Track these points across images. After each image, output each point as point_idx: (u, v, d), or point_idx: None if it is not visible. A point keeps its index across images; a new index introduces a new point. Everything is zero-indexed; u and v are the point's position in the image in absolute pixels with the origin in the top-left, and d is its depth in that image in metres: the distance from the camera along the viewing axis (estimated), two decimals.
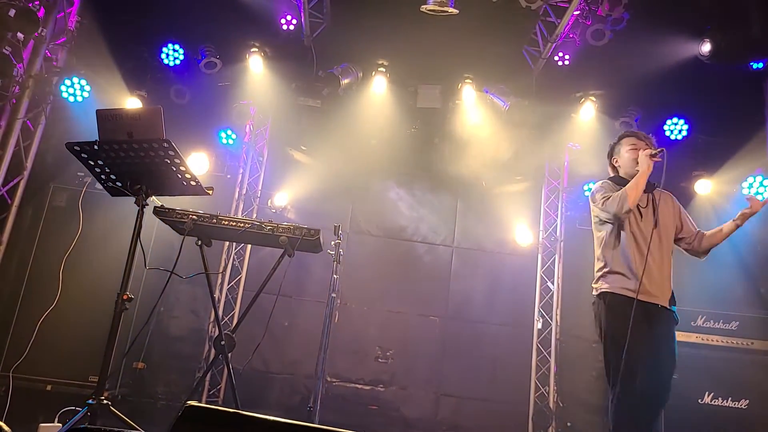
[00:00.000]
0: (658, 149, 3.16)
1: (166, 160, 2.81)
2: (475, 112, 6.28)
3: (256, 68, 6.00)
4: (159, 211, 3.25)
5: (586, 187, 6.41)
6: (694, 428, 4.41)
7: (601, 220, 3.25)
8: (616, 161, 3.42)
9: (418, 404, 6.09)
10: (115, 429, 1.70)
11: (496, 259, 6.57)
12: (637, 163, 3.15)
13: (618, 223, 3.14)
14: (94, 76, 5.60)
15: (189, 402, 1.89)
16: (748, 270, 5.49)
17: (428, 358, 6.22)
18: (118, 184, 2.99)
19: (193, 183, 2.96)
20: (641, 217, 3.16)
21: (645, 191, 3.15)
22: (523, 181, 6.74)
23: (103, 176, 2.99)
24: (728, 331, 4.69)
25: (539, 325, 6.25)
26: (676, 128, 5.99)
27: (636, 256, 3.06)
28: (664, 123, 6.03)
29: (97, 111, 2.88)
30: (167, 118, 2.86)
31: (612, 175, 3.45)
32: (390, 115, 6.41)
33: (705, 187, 5.82)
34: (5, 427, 2.20)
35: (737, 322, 4.71)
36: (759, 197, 3.20)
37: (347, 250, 6.41)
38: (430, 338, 6.27)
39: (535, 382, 6.07)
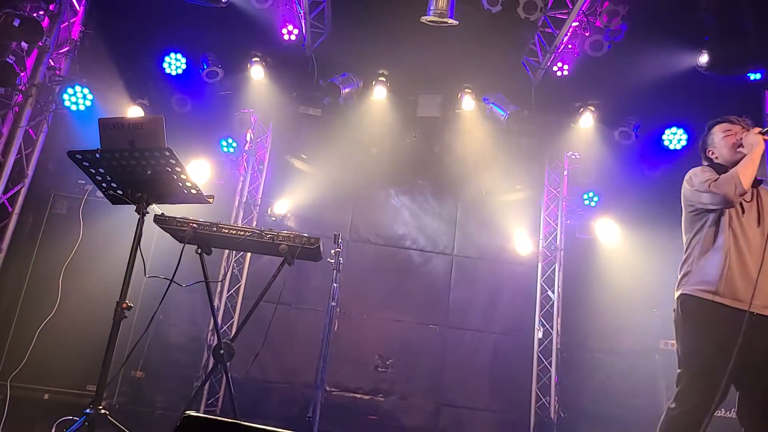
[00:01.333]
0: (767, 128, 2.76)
1: (168, 168, 2.82)
2: (475, 122, 6.30)
3: (257, 77, 6.04)
4: (159, 220, 3.25)
5: (585, 196, 6.43)
6: None
7: (697, 210, 2.85)
8: (712, 153, 3.01)
9: (418, 414, 6.07)
10: None
11: (496, 267, 6.57)
12: (738, 147, 2.81)
13: (724, 209, 2.73)
14: (97, 85, 5.63)
15: (187, 412, 1.89)
16: None
17: (428, 367, 6.19)
18: (119, 192, 3.00)
19: (194, 191, 2.97)
20: (743, 212, 2.77)
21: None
22: (522, 190, 6.75)
23: (104, 184, 3.00)
24: None
25: (540, 335, 6.23)
26: (675, 138, 6.01)
27: (734, 256, 2.68)
28: (663, 132, 6.05)
29: (99, 120, 2.90)
30: (169, 127, 2.87)
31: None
32: (390, 124, 6.45)
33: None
34: None
35: None
36: None
37: (347, 258, 6.40)
38: (430, 347, 6.25)
39: (536, 392, 6.04)
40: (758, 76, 5.45)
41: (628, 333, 6.06)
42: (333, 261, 3.92)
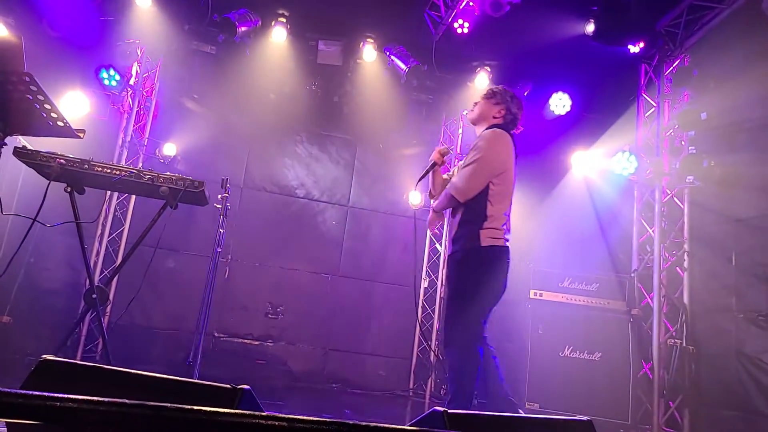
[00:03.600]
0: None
1: (28, 95, 2.56)
2: (376, 73, 6.28)
3: (143, 4, 5.55)
4: (20, 153, 2.98)
5: None
6: (554, 378, 4.89)
7: None
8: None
9: (306, 359, 6.21)
10: None
11: (388, 220, 6.73)
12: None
13: None
14: None
15: (44, 356, 1.80)
16: (607, 236, 6.05)
17: (319, 314, 6.32)
18: None
19: (60, 123, 2.73)
20: None
21: None
22: (418, 146, 6.89)
23: None
24: (589, 291, 5.18)
25: (425, 284, 6.53)
26: (560, 103, 6.34)
27: None
28: (550, 97, 6.36)
29: None
30: (38, 52, 2.61)
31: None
32: (289, 69, 6.26)
33: (579, 160, 6.27)
34: None
35: (597, 284, 5.21)
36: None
37: (241, 205, 6.27)
38: (321, 295, 6.36)
39: (419, 338, 6.38)
40: (637, 49, 5.83)
41: None
42: (220, 206, 3.82)
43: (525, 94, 6.30)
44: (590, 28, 5.49)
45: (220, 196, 3.83)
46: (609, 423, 4.66)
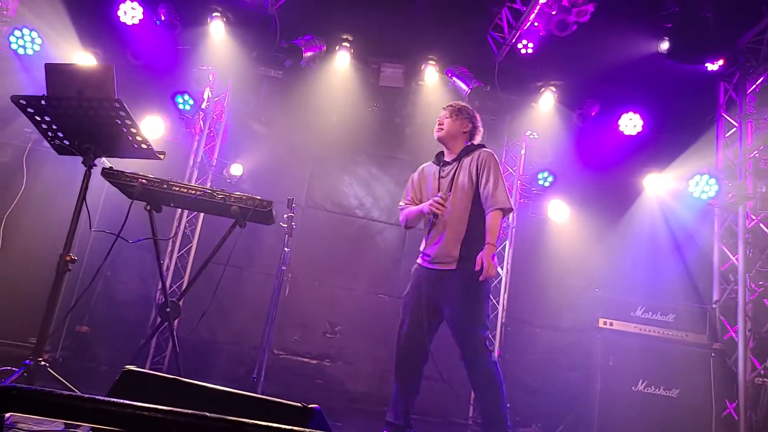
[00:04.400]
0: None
1: (117, 120, 2.74)
2: (437, 95, 6.31)
3: (217, 34, 5.84)
4: (108, 173, 3.16)
5: (540, 176, 6.55)
6: (626, 413, 4.61)
7: None
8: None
9: (364, 380, 6.19)
10: (49, 389, 1.68)
11: None
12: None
13: None
14: (47, 29, 5.35)
15: (127, 366, 1.89)
16: (686, 265, 5.75)
17: (376, 335, 6.29)
18: (66, 142, 2.90)
19: (144, 146, 2.89)
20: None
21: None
22: None
23: (50, 133, 2.89)
24: (665, 322, 4.90)
25: None
26: (630, 123, 6.14)
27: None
28: (620, 117, 6.18)
29: (46, 65, 2.78)
30: (122, 79, 2.78)
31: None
32: (352, 92, 6.38)
33: (653, 183, 6.03)
34: None
35: (674, 315, 4.92)
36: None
37: (301, 224, 6.39)
38: (379, 316, 6.34)
39: None
40: (715, 67, 5.60)
41: (570, 310, 6.30)
42: (285, 225, 3.91)
43: (593, 114, 6.14)
44: (664, 46, 5.33)
45: (285, 216, 3.92)
46: None
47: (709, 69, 5.59)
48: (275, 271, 4.14)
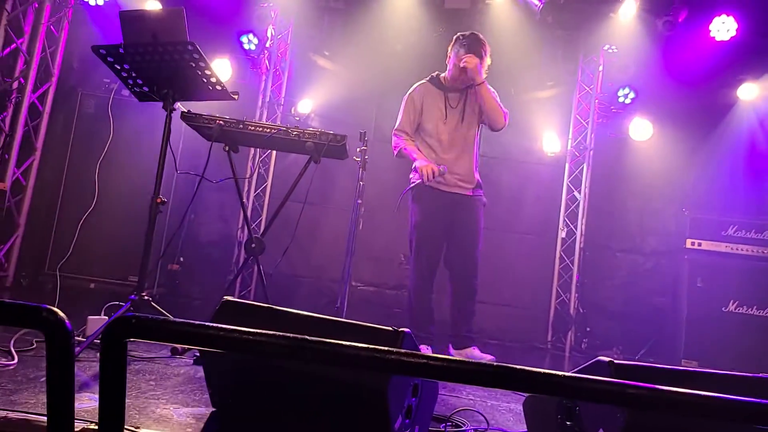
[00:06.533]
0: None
1: (191, 63, 2.78)
2: (506, 13, 5.96)
3: None
4: (186, 116, 3.26)
5: (620, 93, 6.16)
6: (716, 334, 4.48)
7: None
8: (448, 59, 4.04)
9: (441, 308, 6.29)
10: (163, 317, 1.83)
11: (522, 167, 6.50)
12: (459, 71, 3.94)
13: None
14: None
15: (226, 297, 2.00)
16: None
17: None
18: (145, 89, 3.00)
19: (218, 87, 2.94)
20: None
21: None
22: (554, 87, 6.50)
23: (130, 81, 2.99)
24: (761, 240, 4.61)
25: (563, 234, 6.27)
26: (723, 27, 5.54)
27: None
28: (711, 21, 5.60)
29: (120, 12, 2.83)
30: (187, 21, 2.79)
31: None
32: (416, 17, 6.14)
33: (749, 92, 5.53)
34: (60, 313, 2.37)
35: None
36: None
37: (371, 158, 6.39)
38: None
39: (557, 289, 6.19)
40: None
41: (654, 233, 6.06)
42: (359, 159, 3.92)
43: (680, 20, 5.61)
44: None
45: (358, 149, 3.93)
46: None
47: None
48: (348, 208, 4.20)
